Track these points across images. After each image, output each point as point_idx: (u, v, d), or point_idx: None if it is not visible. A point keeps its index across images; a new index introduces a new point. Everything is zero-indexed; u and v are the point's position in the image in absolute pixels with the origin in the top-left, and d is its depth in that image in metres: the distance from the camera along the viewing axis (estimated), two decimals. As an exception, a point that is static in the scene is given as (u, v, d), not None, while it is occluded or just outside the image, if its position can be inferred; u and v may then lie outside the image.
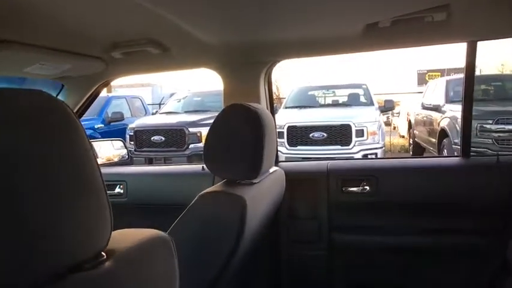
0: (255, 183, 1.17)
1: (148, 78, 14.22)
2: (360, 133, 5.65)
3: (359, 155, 5.56)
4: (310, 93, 7.32)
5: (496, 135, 5.46)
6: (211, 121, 1.18)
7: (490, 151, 5.43)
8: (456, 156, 1.75)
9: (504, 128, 5.44)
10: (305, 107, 6.64)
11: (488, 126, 5.53)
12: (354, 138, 5.62)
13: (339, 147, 5.65)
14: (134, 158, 6.46)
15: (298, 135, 5.80)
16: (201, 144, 6.40)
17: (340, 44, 1.55)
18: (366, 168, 1.78)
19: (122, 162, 2.31)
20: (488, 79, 7.37)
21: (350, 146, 5.62)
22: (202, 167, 1.88)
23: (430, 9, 1.17)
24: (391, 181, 1.70)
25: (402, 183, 1.70)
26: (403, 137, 11.32)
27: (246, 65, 1.74)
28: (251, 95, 1.73)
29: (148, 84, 14.03)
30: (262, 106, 1.76)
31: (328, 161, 1.83)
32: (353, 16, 1.26)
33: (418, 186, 1.67)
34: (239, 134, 1.12)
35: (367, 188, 1.71)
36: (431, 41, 1.51)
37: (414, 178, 1.69)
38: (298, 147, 5.76)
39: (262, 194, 1.23)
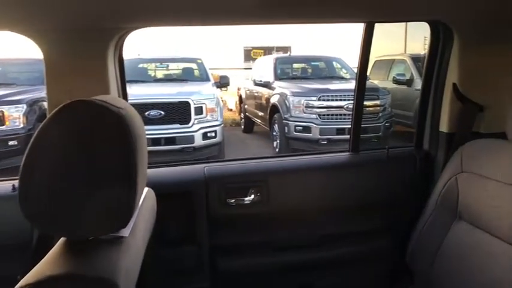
0: (125, 237, 0.70)
1: None
2: (199, 110, 5.44)
3: (199, 133, 5.36)
4: (141, 66, 6.65)
5: (318, 110, 6.00)
6: (18, 97, 0.62)
7: (315, 125, 5.99)
8: (346, 151, 1.62)
9: (323, 104, 6.02)
10: (137, 81, 6.00)
11: (312, 102, 6.04)
12: (193, 116, 5.38)
13: (178, 125, 5.33)
14: None
15: (132, 113, 5.20)
16: (5, 128, 5.10)
17: (228, 12, 1.19)
18: (252, 171, 1.48)
19: None
20: (307, 59, 8.09)
21: (189, 124, 5.36)
22: (13, 185, 1.24)
23: None
24: (283, 185, 1.47)
25: (294, 186, 1.49)
26: (231, 110, 11.74)
27: (85, 33, 1.20)
28: (93, 78, 1.22)
29: None
30: (114, 96, 1.25)
31: (205, 165, 1.46)
32: None
33: (311, 188, 1.49)
34: (95, 154, 0.63)
35: (257, 196, 1.43)
36: (332, 18, 1.32)
37: (306, 179, 1.51)
38: (133, 128, 5.18)
39: (137, 250, 0.77)
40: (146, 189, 0.98)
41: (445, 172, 1.31)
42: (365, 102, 6.13)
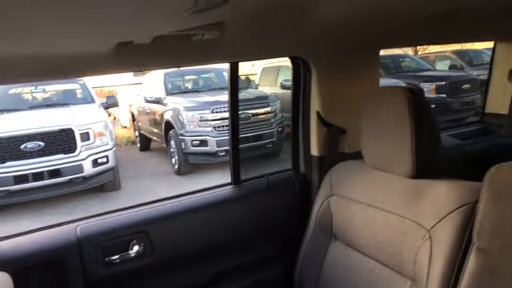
0: None
1: None
2: (86, 136, 5.07)
3: (88, 161, 5.00)
4: (12, 92, 5.95)
5: (213, 123, 6.04)
6: None
7: (211, 138, 6.01)
8: (228, 185, 1.64)
9: (216, 116, 6.07)
10: (8, 110, 5.37)
11: (206, 115, 6.05)
12: (79, 143, 4.99)
13: (62, 155, 4.90)
14: None
15: (5, 148, 4.65)
16: None
17: (79, 65, 1.09)
18: (131, 222, 1.40)
19: None
20: (197, 71, 8.09)
21: (76, 153, 4.97)
22: None
23: (204, 26, 0.93)
24: (167, 231, 1.42)
25: (179, 229, 1.45)
26: (126, 127, 11.18)
27: None
28: None
29: None
30: None
31: (77, 223, 1.34)
32: (97, 33, 0.87)
33: (196, 228, 1.47)
34: None
35: (141, 246, 1.36)
36: (195, 61, 1.30)
37: (190, 220, 1.47)
38: (7, 164, 4.62)
39: None
40: None
41: (319, 195, 1.40)
42: (257, 110, 6.20)
